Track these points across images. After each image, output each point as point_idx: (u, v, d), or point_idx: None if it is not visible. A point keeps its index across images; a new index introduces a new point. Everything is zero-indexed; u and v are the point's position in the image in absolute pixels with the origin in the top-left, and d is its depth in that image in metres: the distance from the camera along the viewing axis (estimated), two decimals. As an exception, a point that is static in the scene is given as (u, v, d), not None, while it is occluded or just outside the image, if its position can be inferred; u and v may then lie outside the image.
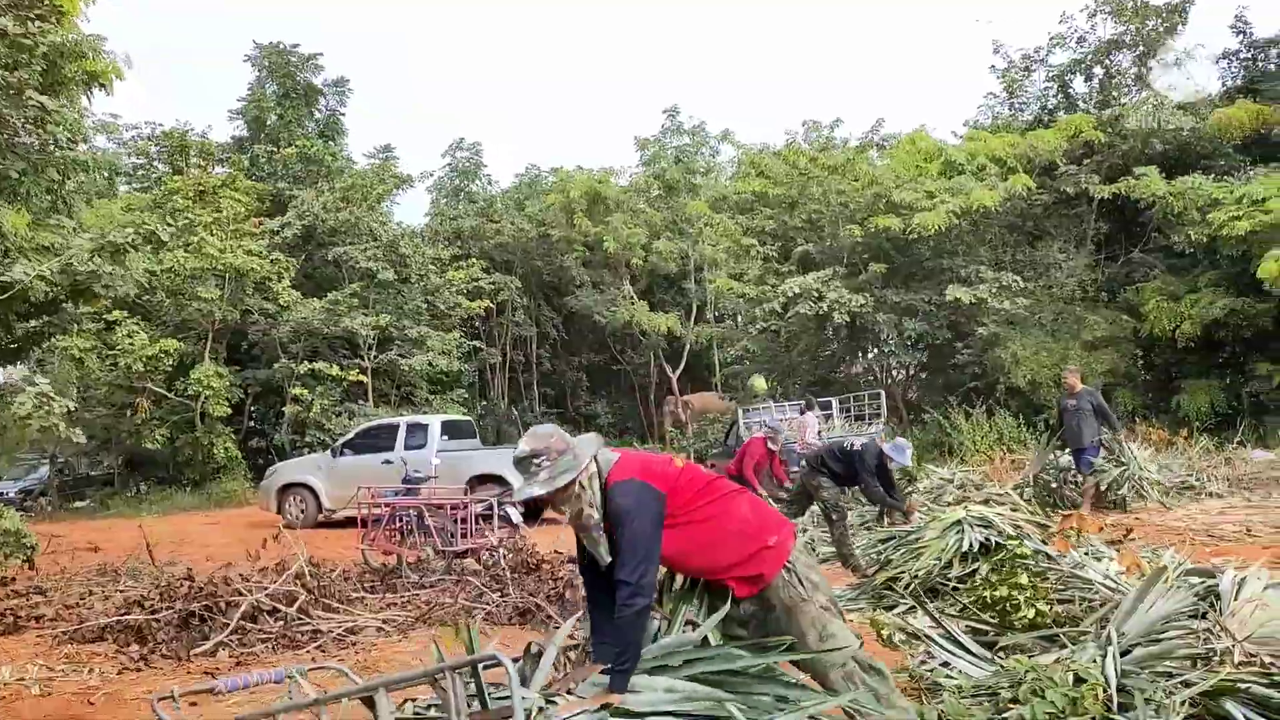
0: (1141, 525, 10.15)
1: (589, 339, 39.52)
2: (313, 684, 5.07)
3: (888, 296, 19.91)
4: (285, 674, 3.95)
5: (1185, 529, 10.24)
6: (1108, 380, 19.28)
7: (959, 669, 4.80)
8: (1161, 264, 20.07)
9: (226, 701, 4.76)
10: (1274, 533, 10.04)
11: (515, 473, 12.45)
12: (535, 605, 7.33)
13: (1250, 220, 17.23)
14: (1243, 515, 11.20)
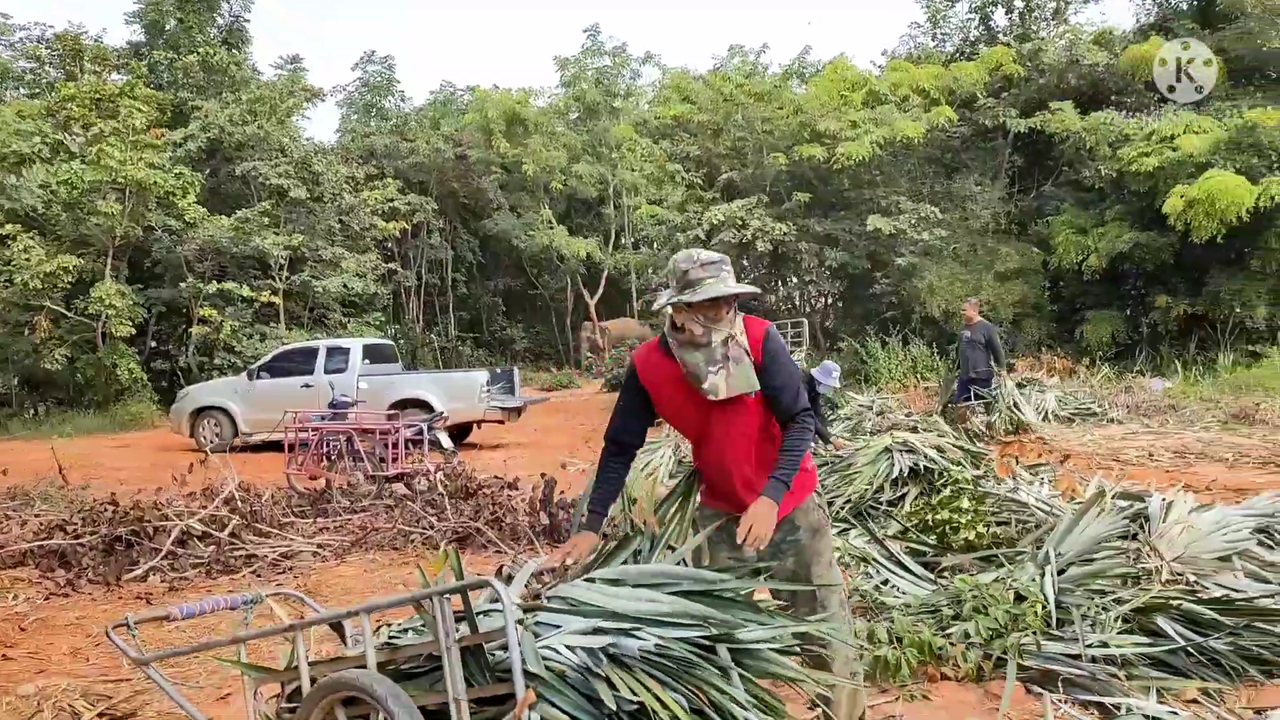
0: (1051, 451, 10.58)
1: (505, 263, 39.10)
2: (268, 611, 5.01)
3: (810, 226, 20.07)
4: (241, 600, 3.88)
5: (1092, 454, 10.73)
6: (1017, 310, 19.91)
7: (902, 589, 4.98)
8: (1071, 198, 20.62)
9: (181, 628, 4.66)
10: (1174, 458, 10.60)
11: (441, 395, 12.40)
12: (475, 530, 7.32)
13: (1158, 157, 17.80)
14: (1144, 441, 11.79)
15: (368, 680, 2.85)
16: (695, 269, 3.13)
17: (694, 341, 3.16)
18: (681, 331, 3.19)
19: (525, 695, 2.65)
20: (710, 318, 3.13)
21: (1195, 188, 16.79)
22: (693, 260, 3.14)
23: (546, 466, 12.24)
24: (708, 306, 3.13)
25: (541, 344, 40.72)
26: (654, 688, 2.67)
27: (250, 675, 3.32)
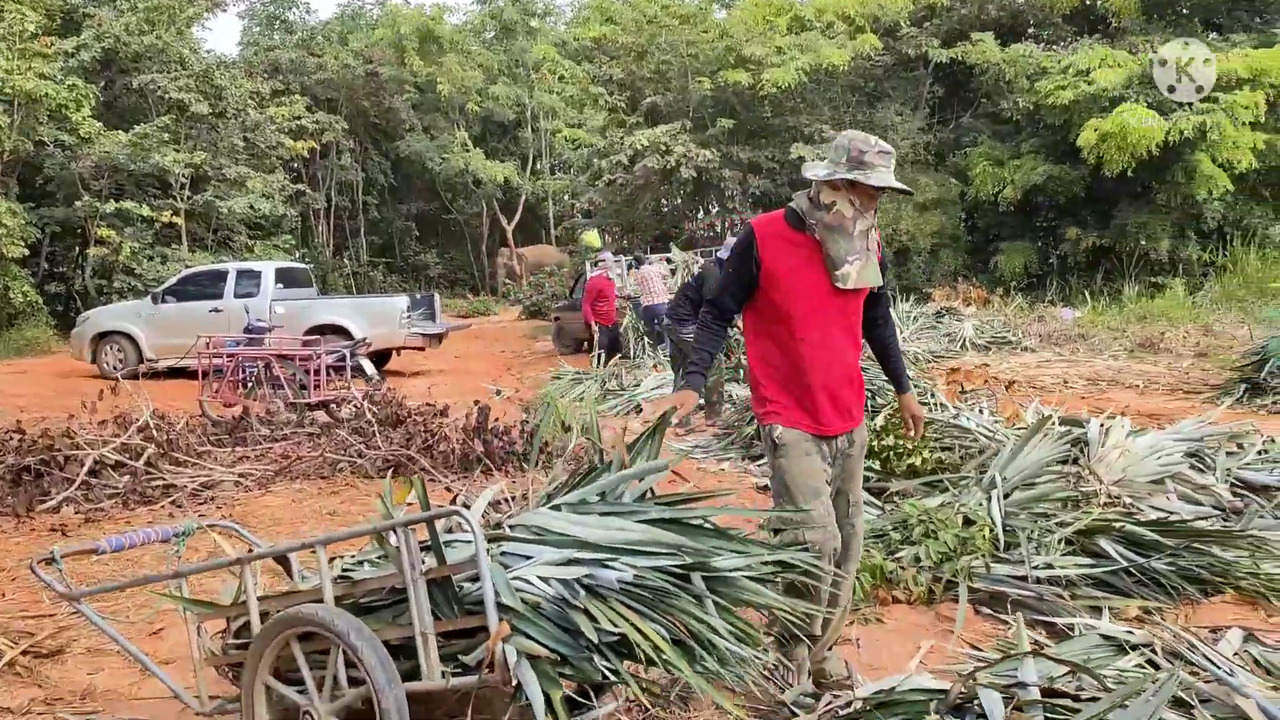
0: (995, 378, 10.77)
1: (419, 186, 38.12)
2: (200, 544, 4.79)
3: (734, 153, 19.91)
4: (172, 532, 3.67)
5: (1010, 380, 10.97)
6: (935, 241, 20.18)
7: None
8: (989, 130, 20.85)
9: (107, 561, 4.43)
10: (1088, 385, 10.91)
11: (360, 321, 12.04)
12: (407, 458, 7.14)
13: (1074, 90, 18.05)
14: (1058, 369, 12.12)
15: (328, 615, 2.71)
16: (871, 152, 3.03)
17: (840, 225, 3.06)
18: (827, 210, 3.07)
19: (499, 628, 2.54)
20: (866, 205, 3.07)
21: (1108, 121, 17.10)
22: (869, 143, 3.04)
23: (471, 394, 12.02)
24: (871, 192, 3.06)
25: (456, 270, 40.01)
26: (633, 619, 2.59)
27: (193, 610, 3.14)
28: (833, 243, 3.08)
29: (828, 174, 3.06)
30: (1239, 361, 10.25)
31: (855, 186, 3.03)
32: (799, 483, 3.18)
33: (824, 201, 3.08)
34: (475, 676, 2.61)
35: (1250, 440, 5.34)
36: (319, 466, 7.27)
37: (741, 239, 3.22)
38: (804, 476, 3.17)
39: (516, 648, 2.51)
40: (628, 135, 20.04)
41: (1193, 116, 16.69)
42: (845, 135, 3.11)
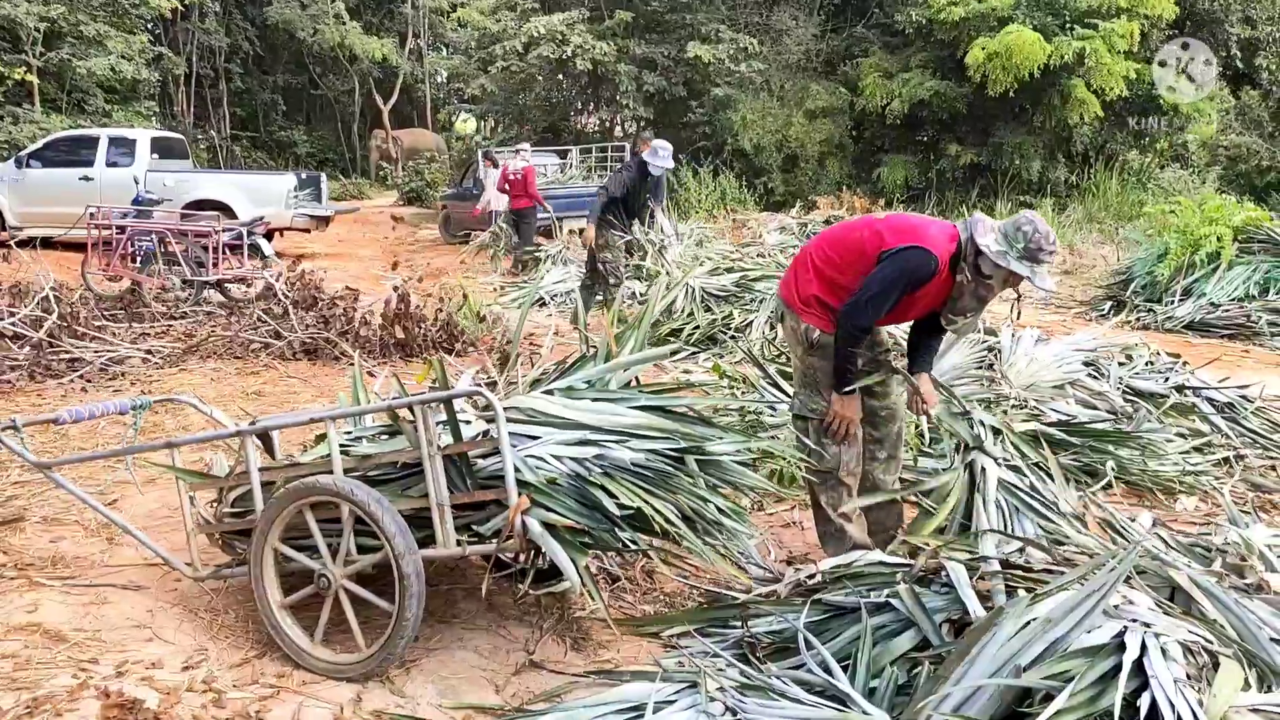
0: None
1: (286, 57, 36.13)
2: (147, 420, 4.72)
3: (630, 48, 19.65)
4: (130, 405, 3.64)
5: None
6: (822, 149, 20.56)
7: (779, 410, 5.29)
8: (880, 42, 21.14)
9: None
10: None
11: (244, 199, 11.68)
12: (325, 340, 7.07)
13: (964, 7, 18.44)
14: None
15: (346, 485, 2.81)
16: (1047, 252, 3.22)
17: (978, 294, 3.33)
18: (982, 279, 3.29)
19: (520, 501, 2.69)
20: (1011, 288, 3.42)
21: (996, 41, 17.60)
22: (1050, 241, 3.21)
23: (362, 279, 11.86)
24: (1017, 283, 3.35)
25: (325, 150, 38.33)
26: (646, 497, 2.78)
27: (186, 480, 3.17)
28: (964, 299, 3.36)
29: (997, 252, 3.25)
30: (1105, 281, 11.02)
31: (1015, 277, 3.28)
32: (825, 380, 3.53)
33: (983, 271, 3.28)
34: (493, 545, 2.76)
35: (1139, 352, 5.87)
36: (232, 346, 7.12)
37: (925, 274, 3.32)
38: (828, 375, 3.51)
39: (540, 519, 2.67)
40: (523, 21, 19.48)
41: (1074, 42, 17.36)
42: (1031, 223, 3.25)
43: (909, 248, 3.30)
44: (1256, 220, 9.59)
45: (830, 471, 3.58)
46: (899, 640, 2.74)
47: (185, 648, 2.97)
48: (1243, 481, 4.67)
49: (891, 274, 3.30)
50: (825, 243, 3.61)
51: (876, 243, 3.40)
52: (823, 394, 3.53)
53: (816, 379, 3.55)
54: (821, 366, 3.51)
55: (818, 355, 3.52)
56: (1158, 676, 2.15)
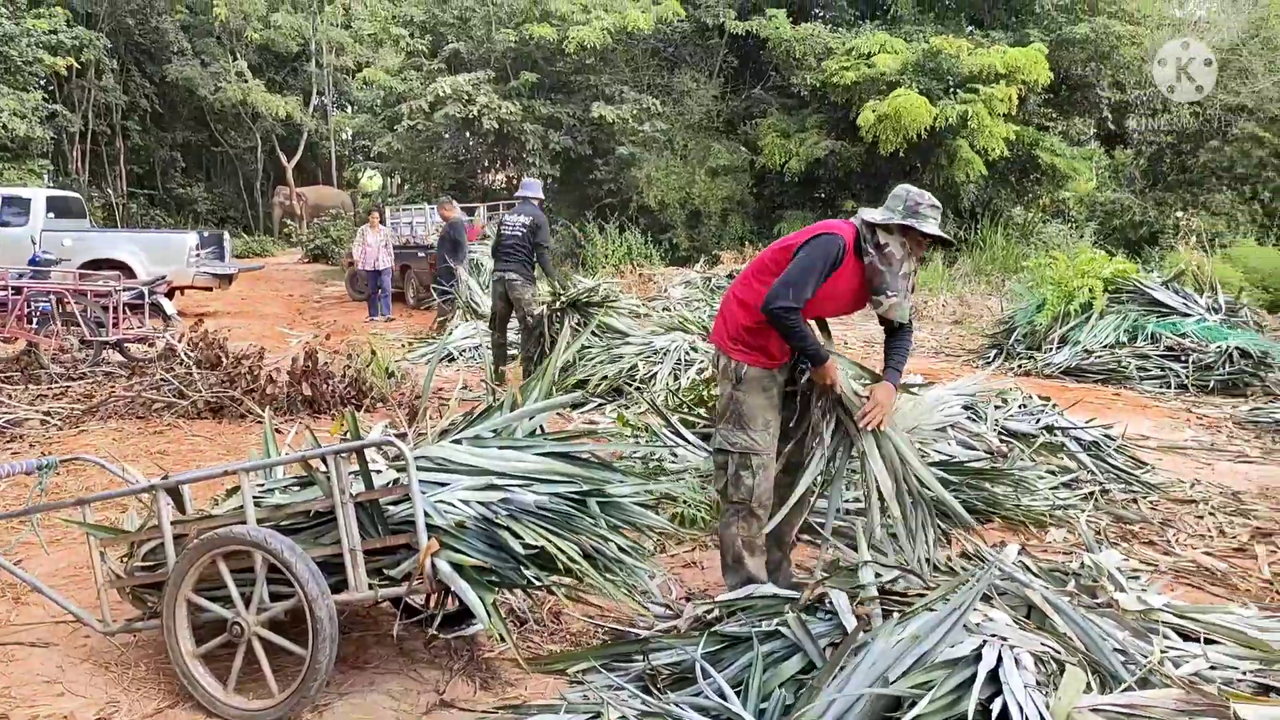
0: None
1: (186, 114, 35.66)
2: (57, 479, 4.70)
3: (536, 107, 20.03)
4: (35, 465, 3.69)
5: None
6: (725, 205, 21.17)
7: (681, 455, 5.51)
8: (778, 103, 21.97)
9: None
10: (864, 346, 12.03)
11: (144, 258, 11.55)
12: (230, 399, 7.06)
13: (856, 72, 19.36)
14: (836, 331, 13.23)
15: (260, 535, 2.91)
16: (925, 205, 3.53)
17: (888, 262, 3.52)
18: (882, 249, 3.53)
19: (429, 544, 2.84)
20: (914, 249, 3.58)
21: (885, 104, 18.51)
22: (924, 197, 3.54)
23: (265, 338, 11.79)
24: (919, 239, 3.57)
25: (226, 207, 37.81)
26: (549, 537, 2.95)
27: (98, 535, 3.22)
28: (878, 277, 3.57)
29: (884, 219, 3.56)
30: (990, 330, 11.62)
31: (908, 232, 3.55)
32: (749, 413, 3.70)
33: (880, 240, 3.55)
34: (404, 588, 2.90)
35: (1013, 395, 6.28)
36: (134, 406, 7.07)
37: (835, 251, 3.55)
38: (759, 409, 3.69)
39: (449, 560, 2.82)
40: (429, 81, 19.73)
41: (957, 106, 18.35)
42: (904, 188, 3.62)
43: (815, 235, 3.60)
44: (1124, 272, 10.28)
45: (743, 502, 3.71)
46: (787, 664, 2.95)
47: (97, 700, 3.01)
48: (1107, 514, 5.04)
49: (804, 259, 3.54)
50: (745, 275, 3.84)
51: (786, 249, 3.67)
52: (745, 428, 3.67)
53: (740, 412, 3.68)
54: (745, 400, 3.66)
55: (743, 389, 3.66)
56: (1009, 683, 2.40)
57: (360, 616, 3.65)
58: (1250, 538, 4.79)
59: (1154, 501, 5.31)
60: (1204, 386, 8.78)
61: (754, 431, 3.67)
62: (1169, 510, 5.18)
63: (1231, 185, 20.87)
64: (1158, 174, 22.06)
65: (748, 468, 3.68)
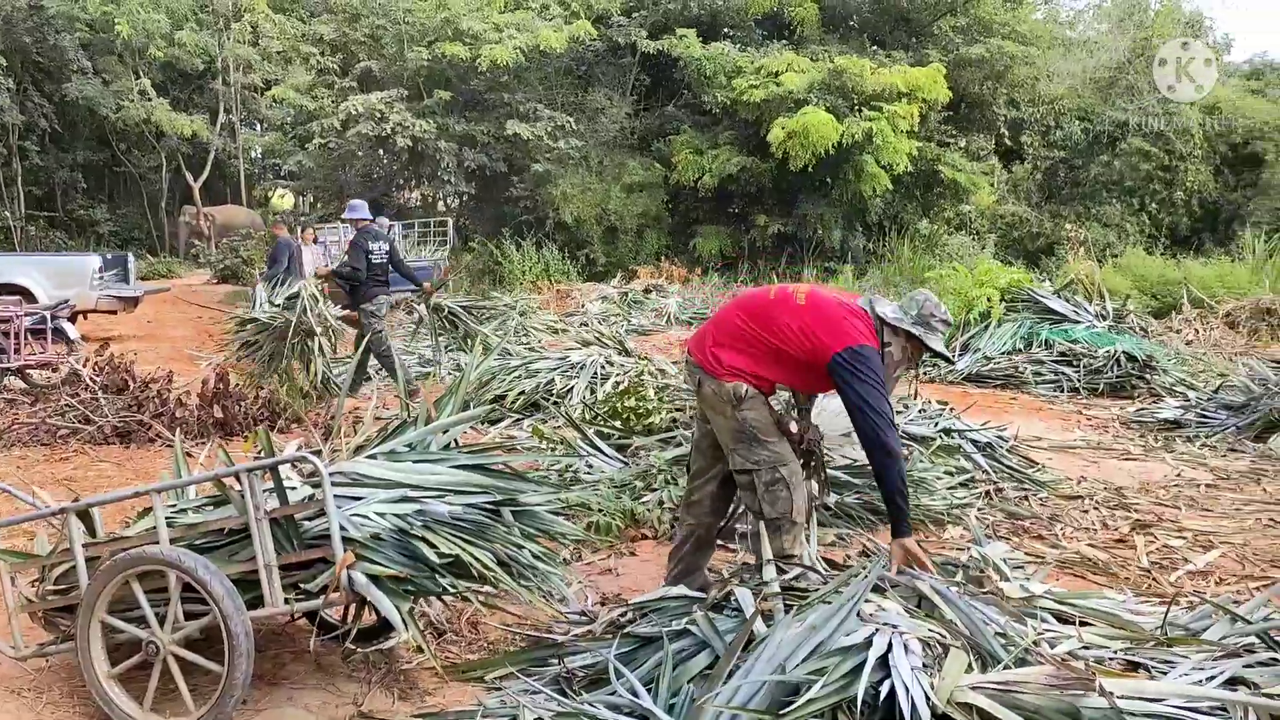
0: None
1: (86, 134, 34.64)
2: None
3: (450, 125, 20.04)
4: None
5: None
6: (640, 221, 21.43)
7: (596, 466, 5.64)
8: (690, 120, 22.34)
9: None
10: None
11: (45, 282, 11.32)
12: (139, 423, 6.96)
13: (764, 90, 19.83)
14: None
15: (174, 554, 2.95)
16: (938, 320, 3.62)
17: (888, 363, 3.61)
18: (885, 348, 3.60)
19: (345, 556, 2.92)
20: (911, 357, 3.69)
21: (794, 121, 18.98)
22: (940, 310, 3.63)
23: (175, 360, 11.57)
24: (921, 349, 3.67)
25: (130, 228, 36.77)
26: (463, 545, 3.05)
27: (8, 561, 3.22)
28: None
29: (895, 318, 3.62)
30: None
31: (912, 339, 3.63)
32: (762, 428, 3.66)
33: (884, 340, 3.62)
34: (319, 600, 2.96)
35: (911, 401, 6.56)
36: (38, 433, 6.92)
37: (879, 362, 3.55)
38: (768, 421, 3.67)
39: (365, 572, 2.90)
40: (341, 99, 19.60)
41: (862, 123, 18.91)
42: (924, 294, 3.68)
43: (859, 352, 3.47)
44: (1019, 282, 10.75)
45: (783, 516, 3.62)
46: (696, 661, 3.08)
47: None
48: (1000, 511, 5.32)
49: (875, 382, 3.46)
50: (742, 313, 3.75)
51: (803, 331, 3.55)
52: (763, 441, 3.62)
53: (753, 428, 3.61)
54: (753, 418, 3.61)
55: (748, 408, 3.60)
56: (897, 666, 2.57)
57: (276, 633, 3.69)
58: (1131, 529, 5.11)
59: (1043, 498, 5.61)
60: (1094, 389, 9.24)
61: (772, 443, 3.63)
62: (1057, 506, 5.48)
63: (1121, 198, 21.91)
64: (1052, 188, 23.02)
65: (779, 480, 3.61)
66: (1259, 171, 21.49)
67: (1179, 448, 7.10)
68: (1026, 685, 2.58)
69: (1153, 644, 3.07)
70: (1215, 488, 5.98)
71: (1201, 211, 22.96)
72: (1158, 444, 7.24)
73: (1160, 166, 21.75)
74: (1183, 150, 21.62)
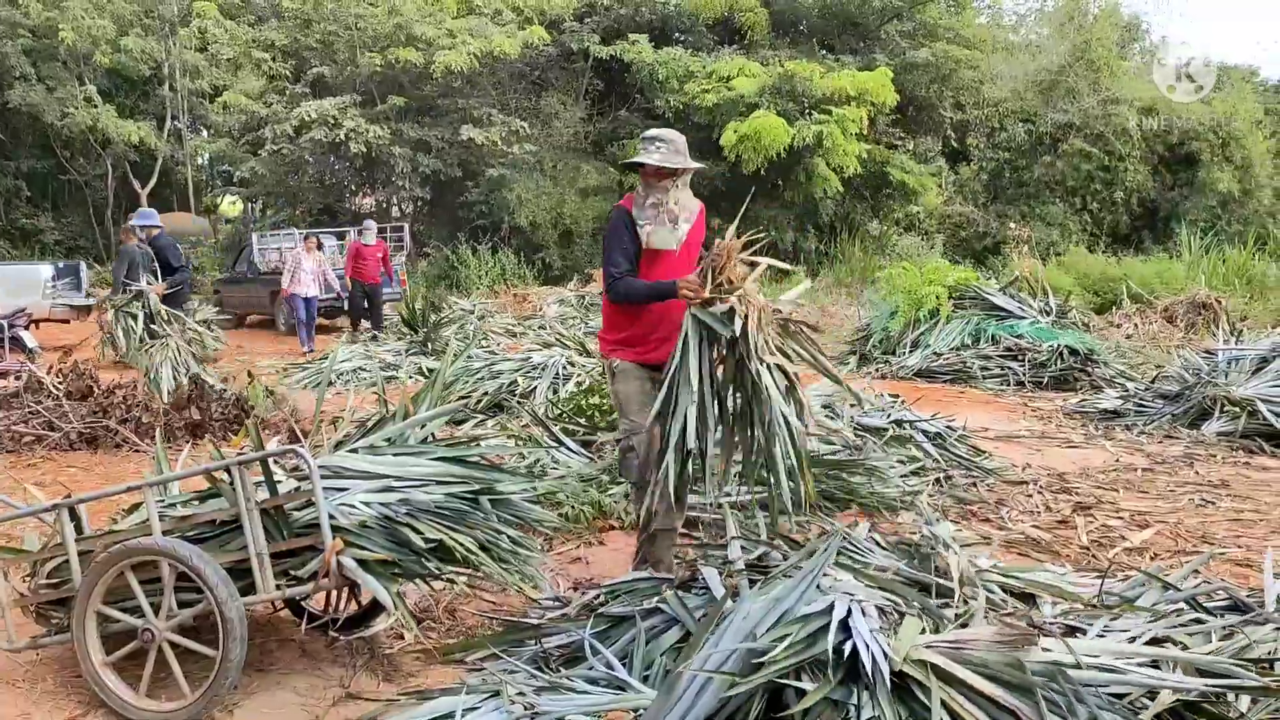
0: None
1: (30, 141, 34.06)
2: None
3: (404, 131, 20.06)
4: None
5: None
6: (596, 225, 21.59)
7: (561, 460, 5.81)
8: (643, 124, 22.53)
9: None
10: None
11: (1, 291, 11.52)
12: (104, 429, 7.00)
13: (717, 94, 20.13)
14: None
15: (169, 544, 3.08)
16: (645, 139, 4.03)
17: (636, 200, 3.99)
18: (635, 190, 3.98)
19: (334, 543, 3.07)
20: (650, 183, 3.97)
21: (746, 125, 19.29)
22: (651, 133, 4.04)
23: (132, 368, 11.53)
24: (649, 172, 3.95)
25: (75, 236, 36.19)
26: (447, 531, 3.21)
27: (2, 556, 3.32)
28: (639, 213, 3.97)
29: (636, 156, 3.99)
30: (850, 337, 12.31)
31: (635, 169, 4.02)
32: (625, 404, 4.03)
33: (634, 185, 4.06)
34: (310, 585, 3.11)
35: (865, 395, 6.81)
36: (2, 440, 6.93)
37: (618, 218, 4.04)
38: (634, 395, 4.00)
39: (353, 557, 3.05)
40: (293, 105, 19.55)
41: (812, 126, 19.27)
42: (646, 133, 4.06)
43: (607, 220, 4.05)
44: (966, 280, 11.09)
45: (635, 482, 4.07)
46: (667, 635, 3.28)
47: (7, 715, 3.10)
48: (949, 496, 5.58)
49: (606, 240, 3.99)
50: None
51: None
52: (624, 413, 4.04)
53: (619, 403, 4.07)
54: (620, 390, 4.05)
55: (618, 382, 4.06)
56: (858, 628, 2.78)
57: (262, 623, 3.82)
58: (1072, 511, 5.39)
59: (990, 484, 5.89)
60: (1039, 382, 9.58)
61: (632, 414, 3.99)
62: (1003, 491, 5.76)
63: (1064, 198, 22.47)
64: (998, 188, 23.54)
65: (631, 449, 3.99)
66: (1195, 171, 22.16)
67: (1118, 435, 7.45)
68: (975, 643, 2.80)
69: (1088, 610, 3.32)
70: (1151, 471, 6.31)
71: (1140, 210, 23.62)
72: (1098, 432, 7.57)
73: (1100, 166, 22.35)
74: (1122, 151, 22.24)
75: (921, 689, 2.59)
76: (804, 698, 2.54)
